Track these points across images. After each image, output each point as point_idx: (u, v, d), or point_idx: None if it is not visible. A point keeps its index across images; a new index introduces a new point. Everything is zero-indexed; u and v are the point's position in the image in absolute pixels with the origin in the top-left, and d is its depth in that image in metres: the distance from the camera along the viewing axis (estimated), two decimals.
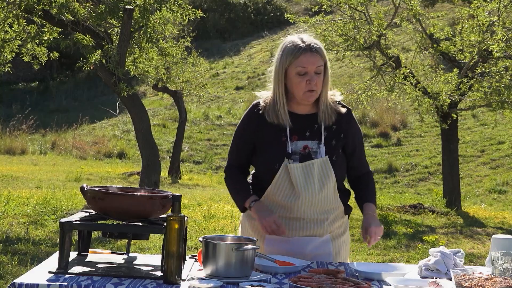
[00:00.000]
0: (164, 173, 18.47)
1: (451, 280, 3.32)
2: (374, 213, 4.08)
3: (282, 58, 3.98)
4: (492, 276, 3.30)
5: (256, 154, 4.07)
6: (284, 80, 3.98)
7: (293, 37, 4.03)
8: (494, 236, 3.78)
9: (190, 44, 18.66)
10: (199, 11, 13.48)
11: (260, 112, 4.06)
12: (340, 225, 4.17)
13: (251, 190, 4.08)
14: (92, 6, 12.68)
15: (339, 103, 4.10)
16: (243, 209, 4.11)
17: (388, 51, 14.64)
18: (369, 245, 4.05)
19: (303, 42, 3.95)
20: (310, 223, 4.04)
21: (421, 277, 3.56)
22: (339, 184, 4.10)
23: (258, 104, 4.11)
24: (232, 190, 4.15)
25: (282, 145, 3.98)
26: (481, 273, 3.38)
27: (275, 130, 4.01)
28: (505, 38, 13.82)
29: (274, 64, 4.04)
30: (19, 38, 13.04)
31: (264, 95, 4.12)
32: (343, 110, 4.09)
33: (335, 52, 15.33)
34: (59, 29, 13.11)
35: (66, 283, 3.19)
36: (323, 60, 3.95)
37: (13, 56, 13.41)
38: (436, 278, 3.45)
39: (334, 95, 4.11)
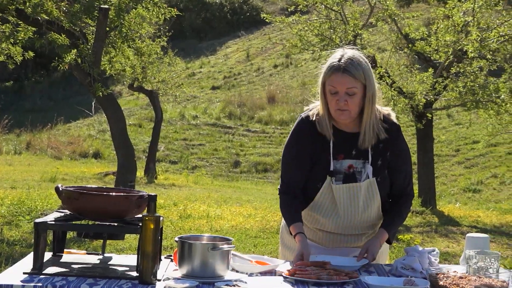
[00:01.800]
0: (140, 173, 18.41)
1: (426, 279, 3.34)
2: (379, 239, 3.93)
3: (322, 71, 3.89)
4: (467, 274, 3.32)
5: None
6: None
7: (337, 52, 3.87)
8: (468, 235, 3.80)
9: (166, 43, 18.62)
10: (175, 10, 13.46)
11: (309, 125, 3.95)
12: None
13: (299, 215, 3.95)
14: (67, 5, 12.61)
15: (387, 120, 3.99)
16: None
17: (364, 51, 14.67)
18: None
19: (339, 60, 3.80)
20: (350, 237, 4.02)
21: (396, 276, 3.57)
22: (383, 203, 4.03)
23: (306, 118, 4.00)
24: (283, 212, 4.03)
25: (326, 163, 3.91)
26: (455, 271, 3.40)
27: (320, 147, 3.92)
28: (479, 38, 13.91)
29: None
30: None
31: (312, 107, 4.02)
32: (391, 127, 3.98)
33: (311, 52, 15.36)
34: (34, 29, 13.02)
35: (40, 284, 3.17)
36: (358, 81, 3.78)
37: None
38: (411, 276, 3.46)
39: (380, 111, 3.97)
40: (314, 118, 3.95)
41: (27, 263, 3.50)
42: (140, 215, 3.50)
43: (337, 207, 3.93)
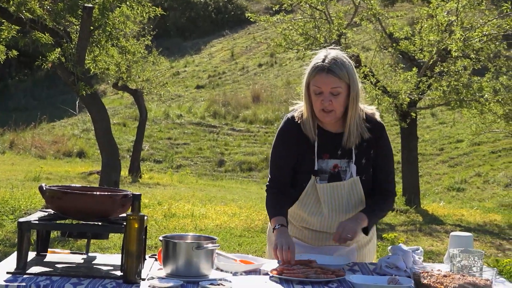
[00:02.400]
0: (124, 172, 18.37)
1: (410, 278, 3.35)
2: (357, 220, 3.89)
3: (306, 73, 3.91)
4: (451, 273, 3.33)
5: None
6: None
7: (321, 53, 3.90)
8: (452, 233, 3.81)
9: (150, 42, 18.60)
10: (159, 9, 13.44)
11: (293, 126, 3.99)
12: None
13: (283, 210, 3.98)
14: (51, 4, 12.56)
15: (371, 119, 4.01)
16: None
17: (348, 50, 14.70)
18: (334, 240, 3.88)
19: (323, 61, 3.83)
20: None
21: (380, 275, 3.58)
22: (367, 202, 4.04)
23: (291, 119, 4.03)
24: (268, 207, 4.04)
25: (311, 163, 3.94)
26: (439, 270, 3.41)
27: (305, 147, 3.96)
28: (463, 38, 13.96)
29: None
30: None
31: (297, 107, 4.05)
32: (374, 126, 4.00)
33: (296, 51, 15.38)
34: (17, 27, 12.97)
35: (24, 284, 3.15)
36: (342, 81, 3.82)
37: None
38: (395, 275, 3.47)
39: (363, 110, 3.99)
40: (298, 120, 3.99)
41: (10, 262, 3.49)
42: (124, 215, 3.49)
43: (322, 206, 3.95)
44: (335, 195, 3.95)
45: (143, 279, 3.29)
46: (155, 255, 3.79)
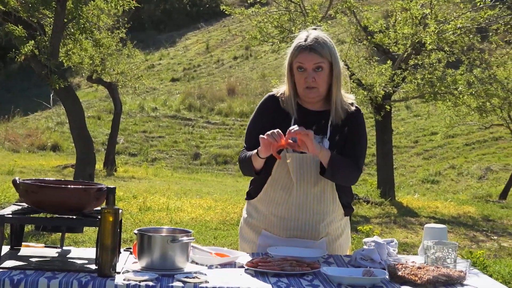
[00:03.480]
0: (99, 165, 18.30)
1: (385, 270, 3.36)
2: (319, 145, 3.87)
3: (289, 52, 4.02)
4: (425, 264, 3.35)
5: None
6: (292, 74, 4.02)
7: (302, 33, 4.04)
8: (426, 225, 3.83)
9: (125, 35, 18.51)
10: (134, 1, 13.38)
11: (274, 102, 4.10)
12: (338, 227, 4.13)
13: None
14: None
15: (352, 104, 4.10)
16: (256, 167, 3.99)
17: None
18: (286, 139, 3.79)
19: (305, 40, 3.95)
20: (305, 224, 4.02)
21: (355, 267, 3.60)
22: (337, 186, 4.06)
23: (272, 95, 4.14)
24: (242, 159, 4.05)
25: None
26: (414, 262, 3.43)
27: (282, 121, 4.01)
28: (437, 31, 14.03)
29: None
30: None
31: (281, 88, 4.14)
32: (353, 108, 4.08)
33: (271, 43, 15.38)
34: None
35: None
36: (324, 58, 3.93)
37: None
38: (370, 267, 3.48)
39: (347, 97, 4.10)
40: (279, 95, 4.09)
41: None
42: (99, 208, 3.48)
43: (292, 178, 3.96)
44: (304, 165, 3.97)
45: (118, 273, 3.27)
46: (130, 248, 3.77)
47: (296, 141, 3.75)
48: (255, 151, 3.94)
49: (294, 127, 3.75)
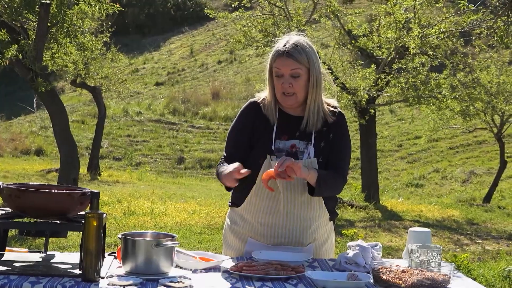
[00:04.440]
0: (83, 169, 18.24)
1: (369, 273, 3.37)
2: (306, 167, 3.83)
3: (269, 58, 4.02)
4: (409, 268, 3.35)
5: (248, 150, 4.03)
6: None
7: (283, 39, 4.03)
8: (410, 229, 3.83)
9: (109, 39, 18.48)
10: (118, 5, 13.36)
11: (255, 108, 4.07)
12: (324, 232, 4.13)
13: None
14: (7, 0, 12.43)
15: (335, 108, 4.08)
16: (228, 185, 3.94)
17: None
18: (276, 168, 3.75)
19: (284, 46, 3.95)
20: (292, 231, 4.00)
21: (339, 271, 3.60)
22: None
23: (253, 101, 4.11)
24: (220, 171, 3.98)
25: (268, 143, 3.97)
26: (398, 265, 3.44)
27: (265, 127, 4.00)
28: (420, 35, 14.08)
29: None
30: None
31: (262, 94, 4.13)
32: (335, 113, 4.05)
33: (255, 47, 15.39)
34: None
35: None
36: (302, 65, 3.91)
37: None
38: (354, 271, 3.49)
39: (329, 104, 4.08)
40: (260, 101, 4.08)
41: None
42: (83, 213, 3.47)
43: (278, 189, 3.94)
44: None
45: (102, 277, 3.27)
46: (114, 253, 3.76)
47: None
48: (228, 171, 3.85)
49: (284, 160, 3.71)
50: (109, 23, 19.84)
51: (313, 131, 3.99)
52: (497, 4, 13.58)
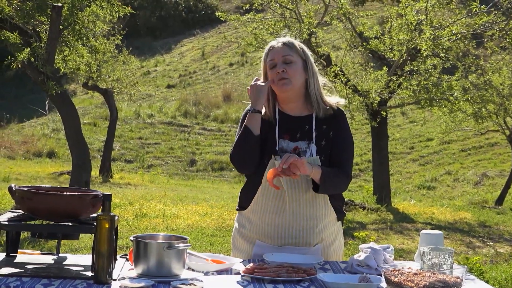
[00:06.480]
0: (95, 172, 18.28)
1: (381, 276, 3.36)
2: (310, 164, 3.85)
3: (262, 60, 4.11)
4: (421, 271, 3.35)
5: None
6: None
7: (274, 40, 4.16)
8: (422, 231, 3.83)
9: (120, 42, 18.52)
10: (129, 8, 13.39)
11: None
12: (331, 232, 4.12)
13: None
14: (20, 3, 12.47)
15: (333, 106, 4.10)
16: (255, 132, 3.99)
17: (319, 49, 14.74)
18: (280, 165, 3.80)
19: (276, 42, 4.08)
20: (299, 231, 4.00)
21: (351, 273, 3.59)
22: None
23: None
24: (237, 144, 4.03)
25: (273, 142, 4.01)
26: (410, 268, 3.43)
27: (266, 128, 4.03)
28: (432, 37, 14.04)
29: None
30: None
31: None
32: (335, 110, 4.09)
33: None
34: None
35: None
36: (294, 52, 4.00)
37: None
38: (366, 273, 3.48)
39: (330, 101, 4.11)
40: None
41: None
42: (95, 215, 3.47)
43: (283, 189, 3.95)
44: None
45: (114, 279, 3.27)
46: (126, 255, 3.77)
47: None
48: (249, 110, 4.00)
49: (288, 157, 3.75)
50: (121, 25, 19.87)
51: (313, 129, 4.02)
52: (509, 5, 13.55)
